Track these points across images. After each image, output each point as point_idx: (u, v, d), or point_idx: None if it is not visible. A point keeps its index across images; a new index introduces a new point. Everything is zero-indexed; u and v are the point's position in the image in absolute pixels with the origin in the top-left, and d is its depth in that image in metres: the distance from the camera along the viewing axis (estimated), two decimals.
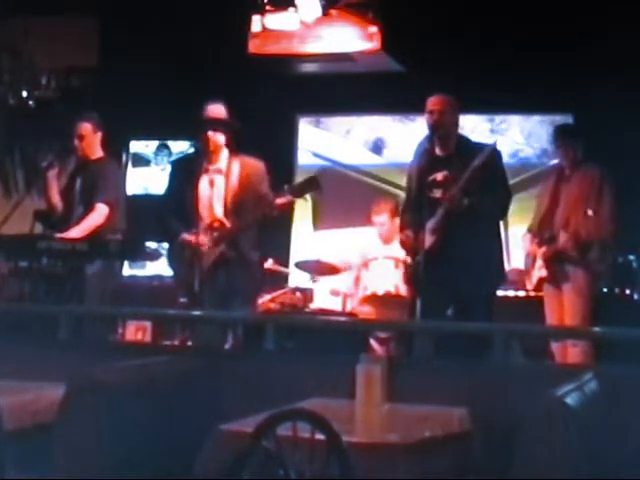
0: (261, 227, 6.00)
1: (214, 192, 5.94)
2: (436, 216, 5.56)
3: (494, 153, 5.72)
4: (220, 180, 5.96)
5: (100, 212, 6.56)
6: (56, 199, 6.79)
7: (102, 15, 9.29)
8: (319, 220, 9.19)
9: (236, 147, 6.06)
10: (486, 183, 5.50)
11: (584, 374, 3.70)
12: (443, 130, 5.70)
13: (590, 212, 6.05)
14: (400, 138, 9.13)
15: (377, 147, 9.40)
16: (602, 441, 3.48)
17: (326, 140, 9.51)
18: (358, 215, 8.14)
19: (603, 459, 3.41)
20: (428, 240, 5.51)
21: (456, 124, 5.80)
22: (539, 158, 8.71)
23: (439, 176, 5.63)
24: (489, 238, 5.66)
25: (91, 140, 6.80)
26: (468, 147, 5.77)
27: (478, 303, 5.44)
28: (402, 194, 7.78)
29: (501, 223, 6.02)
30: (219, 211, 5.92)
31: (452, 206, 5.50)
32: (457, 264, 5.45)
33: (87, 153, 6.81)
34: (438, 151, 5.76)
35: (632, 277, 7.00)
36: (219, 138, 5.99)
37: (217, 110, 6.09)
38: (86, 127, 6.79)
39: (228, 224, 5.86)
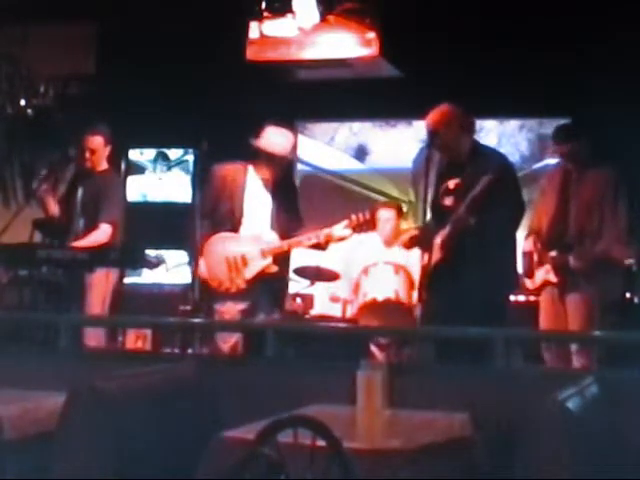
0: None
1: None
2: (445, 229, 5.49)
3: (504, 168, 5.60)
4: None
5: (104, 232, 6.56)
6: (55, 210, 6.79)
7: (100, 23, 9.30)
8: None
9: None
10: (496, 199, 5.33)
11: (585, 378, 3.70)
12: (445, 149, 5.63)
13: (616, 228, 5.85)
14: (401, 144, 9.15)
15: (375, 153, 9.43)
16: (603, 445, 3.47)
17: (322, 147, 9.55)
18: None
19: (604, 463, 3.40)
20: (436, 255, 5.46)
21: (459, 136, 5.62)
22: (518, 164, 8.67)
23: (451, 184, 5.55)
24: (500, 251, 5.49)
25: (101, 154, 6.79)
26: (481, 154, 5.65)
27: (489, 314, 5.32)
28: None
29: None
30: None
31: (458, 226, 5.42)
32: (466, 278, 5.37)
33: (95, 166, 6.79)
34: (450, 159, 5.70)
35: (632, 280, 6.97)
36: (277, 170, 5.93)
37: (285, 144, 5.93)
38: (98, 140, 6.77)
39: None
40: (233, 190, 5.88)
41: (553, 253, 5.98)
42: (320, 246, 5.85)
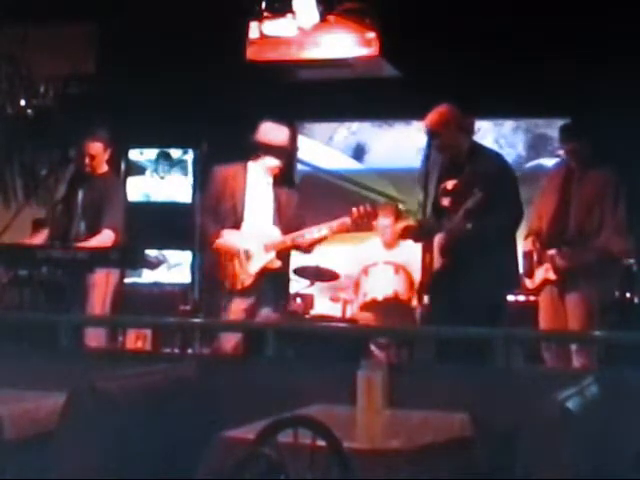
0: None
1: None
2: (443, 232, 5.51)
3: (502, 169, 5.66)
4: None
5: (107, 237, 6.55)
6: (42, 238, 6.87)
7: (100, 22, 9.30)
8: None
9: None
10: (495, 200, 5.36)
11: (585, 378, 3.70)
12: (444, 149, 5.67)
13: (616, 220, 5.88)
14: (400, 144, 9.16)
15: (374, 153, 9.43)
16: (603, 445, 3.47)
17: (321, 147, 9.56)
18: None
19: (604, 463, 3.41)
20: (437, 261, 5.46)
21: (458, 137, 5.65)
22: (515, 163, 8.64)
23: (449, 185, 5.56)
24: (500, 252, 5.51)
25: (101, 158, 6.80)
26: (480, 155, 5.68)
27: (487, 318, 5.30)
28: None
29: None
30: None
31: (455, 234, 5.43)
32: (466, 280, 5.38)
33: (94, 170, 6.80)
34: (450, 159, 5.73)
35: (632, 281, 6.97)
36: (277, 165, 5.94)
37: (282, 136, 5.94)
38: (98, 147, 6.77)
39: None
40: (234, 188, 5.89)
41: (552, 251, 5.98)
42: (320, 242, 5.86)
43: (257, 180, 5.94)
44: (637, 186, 6.26)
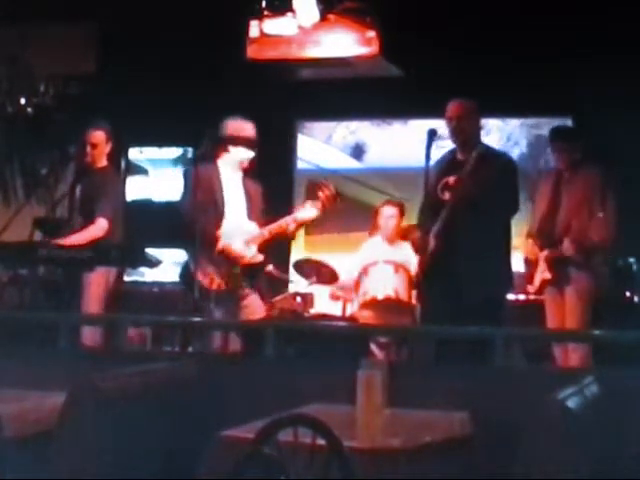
0: None
1: None
2: (440, 219, 5.57)
3: (507, 166, 5.79)
4: None
5: (100, 226, 6.51)
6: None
7: (101, 22, 9.30)
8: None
9: None
10: (492, 192, 5.49)
11: (585, 377, 3.70)
12: (463, 136, 5.76)
13: (601, 214, 5.99)
14: (398, 142, 9.15)
15: (372, 151, 9.43)
16: (603, 445, 3.47)
17: (320, 146, 9.55)
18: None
19: (604, 463, 3.40)
20: (431, 244, 5.54)
21: (476, 129, 5.85)
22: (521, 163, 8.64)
23: (451, 180, 5.65)
24: (494, 244, 5.61)
25: (102, 149, 6.78)
26: (487, 154, 5.79)
27: (484, 309, 5.38)
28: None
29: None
30: None
31: (462, 194, 5.51)
32: (461, 269, 5.46)
33: (95, 161, 6.78)
34: (459, 155, 5.81)
35: (632, 280, 6.99)
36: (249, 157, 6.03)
37: (251, 128, 6.05)
38: (100, 135, 6.75)
39: None
40: (212, 186, 5.96)
41: (545, 252, 6.14)
42: (298, 229, 6.05)
43: (229, 176, 6.01)
44: (631, 186, 6.32)
